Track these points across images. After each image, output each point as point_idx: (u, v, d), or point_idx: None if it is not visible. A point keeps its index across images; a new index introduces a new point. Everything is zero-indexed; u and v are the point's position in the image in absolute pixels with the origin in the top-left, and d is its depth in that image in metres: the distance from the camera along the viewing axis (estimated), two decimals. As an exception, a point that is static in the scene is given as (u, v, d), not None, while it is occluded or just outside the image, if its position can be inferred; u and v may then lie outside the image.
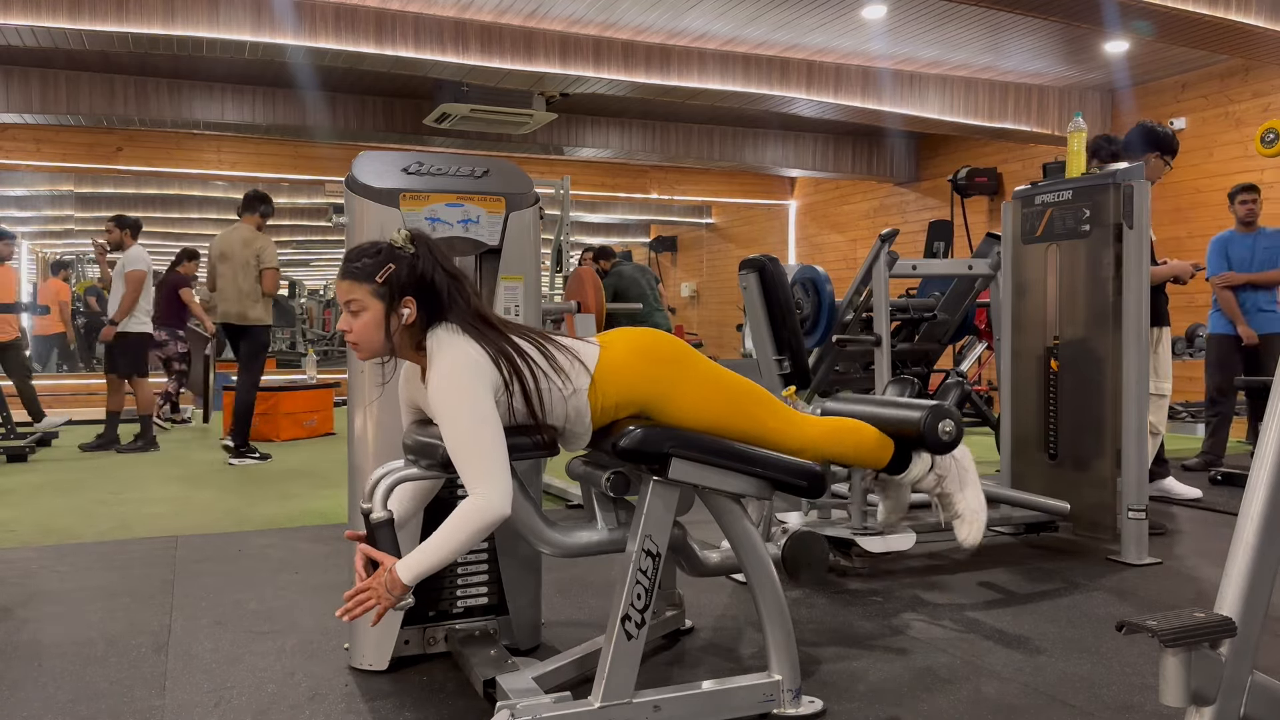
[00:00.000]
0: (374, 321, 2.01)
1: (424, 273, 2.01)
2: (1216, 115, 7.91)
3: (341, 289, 2.03)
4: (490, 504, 1.89)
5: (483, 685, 2.24)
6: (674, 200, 13.46)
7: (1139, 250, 3.58)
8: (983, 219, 9.90)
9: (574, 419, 2.10)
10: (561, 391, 2.06)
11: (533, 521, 2.13)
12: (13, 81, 7.89)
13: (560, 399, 2.06)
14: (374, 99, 9.09)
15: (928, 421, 2.35)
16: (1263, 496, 1.49)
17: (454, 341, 1.98)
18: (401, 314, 2.00)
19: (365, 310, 2.01)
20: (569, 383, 2.06)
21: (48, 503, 4.98)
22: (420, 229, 2.14)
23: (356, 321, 2.02)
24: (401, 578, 1.89)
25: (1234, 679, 1.45)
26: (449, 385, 1.93)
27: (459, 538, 1.89)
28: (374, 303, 2.00)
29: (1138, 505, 3.57)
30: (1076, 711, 2.24)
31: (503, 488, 1.91)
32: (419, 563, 1.90)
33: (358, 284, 2.01)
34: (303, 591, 3.28)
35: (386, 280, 1.99)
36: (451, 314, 2.02)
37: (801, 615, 2.96)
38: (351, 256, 2.04)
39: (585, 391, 2.07)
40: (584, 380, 2.08)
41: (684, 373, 2.15)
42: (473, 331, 2.00)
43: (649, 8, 6.65)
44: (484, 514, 1.89)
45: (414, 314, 2.01)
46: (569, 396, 2.07)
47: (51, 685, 2.42)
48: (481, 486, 1.89)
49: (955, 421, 2.37)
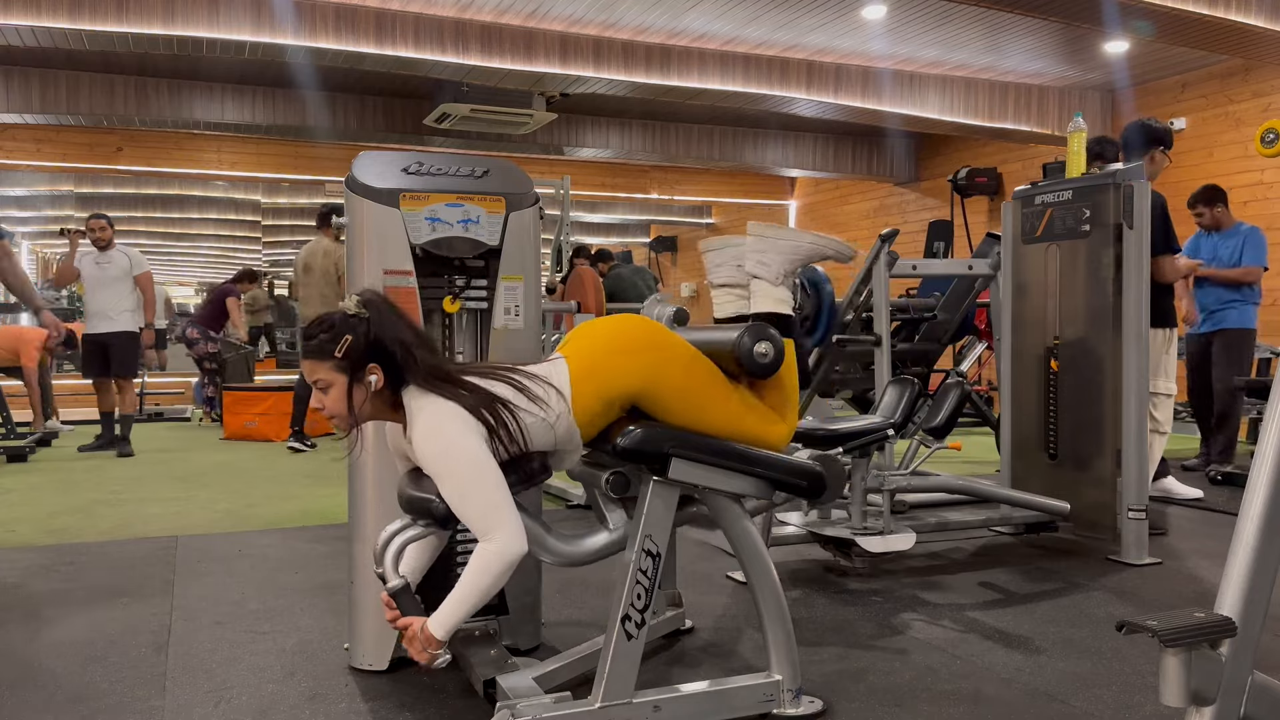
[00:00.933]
0: (343, 395, 1.99)
1: (381, 336, 1.98)
2: (1216, 115, 7.91)
3: (305, 369, 2.02)
4: (504, 545, 1.90)
5: (483, 685, 2.24)
6: (674, 200, 13.46)
7: (1139, 250, 3.58)
8: (983, 219, 9.90)
9: (564, 440, 2.08)
10: (546, 420, 2.03)
11: (535, 531, 2.12)
12: (13, 81, 7.89)
13: (545, 428, 2.04)
14: (374, 99, 9.09)
15: (744, 342, 2.18)
16: (1263, 496, 1.49)
17: (429, 399, 1.97)
18: (369, 381, 1.99)
19: (332, 385, 1.99)
20: (550, 410, 2.04)
21: (48, 503, 4.98)
22: (372, 290, 2.10)
23: (327, 398, 2.00)
24: (436, 634, 1.90)
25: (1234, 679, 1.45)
26: (436, 443, 1.92)
27: (483, 584, 1.90)
28: (338, 377, 1.98)
29: (1138, 505, 3.57)
30: (1076, 711, 2.24)
31: (514, 527, 1.91)
32: (450, 616, 1.91)
33: (319, 362, 1.99)
34: (303, 591, 3.28)
35: (345, 353, 1.97)
36: (417, 375, 1.99)
37: (801, 615, 2.96)
38: (309, 335, 2.02)
39: (569, 414, 2.05)
40: (564, 404, 2.05)
41: (662, 355, 2.11)
42: (445, 385, 1.98)
43: (649, 8, 6.65)
44: (501, 556, 1.90)
45: (381, 379, 1.99)
46: (554, 423, 2.04)
47: (51, 685, 2.42)
48: (494, 532, 1.90)
49: (773, 343, 2.18)
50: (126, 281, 6.80)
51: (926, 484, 3.53)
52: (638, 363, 2.09)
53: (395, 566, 1.99)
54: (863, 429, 3.18)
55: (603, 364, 2.09)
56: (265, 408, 7.86)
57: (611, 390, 2.07)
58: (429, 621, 1.91)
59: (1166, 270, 4.14)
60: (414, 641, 1.92)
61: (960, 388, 3.53)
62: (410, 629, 1.93)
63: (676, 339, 2.17)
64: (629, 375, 2.08)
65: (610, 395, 2.07)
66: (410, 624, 1.93)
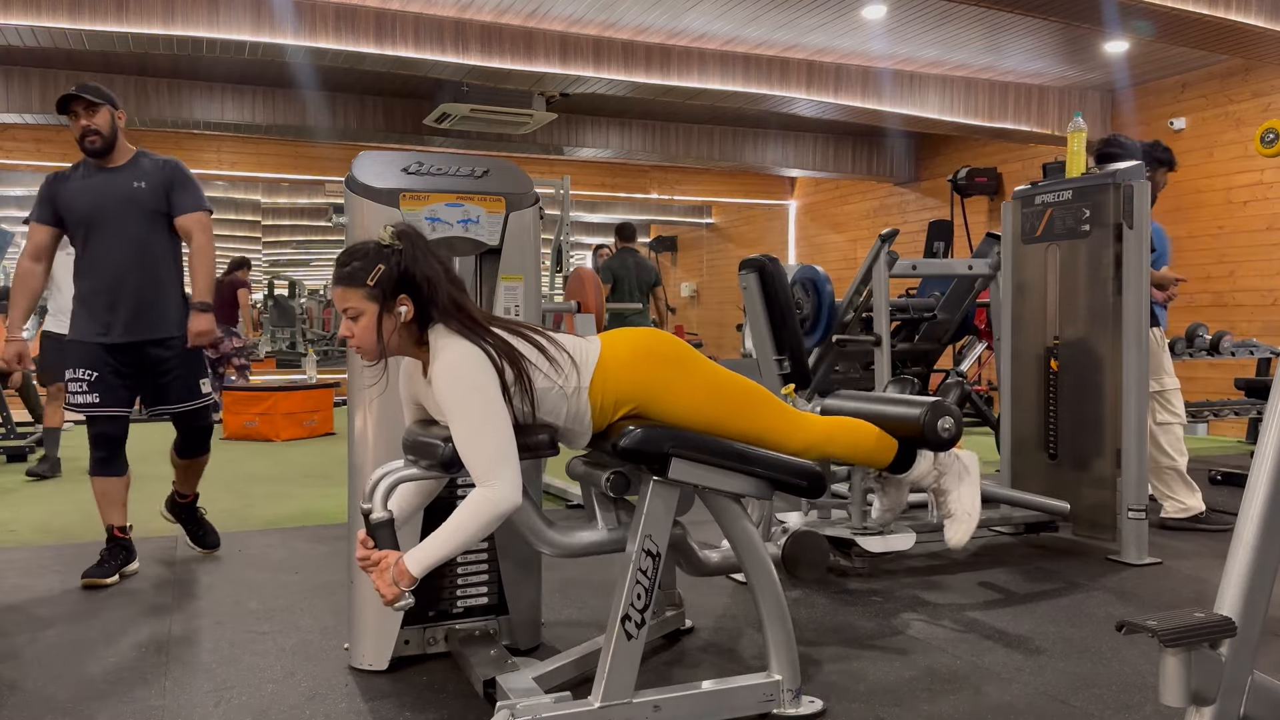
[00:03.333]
0: (373, 324, 2.00)
1: (414, 268, 2.00)
2: (1216, 115, 7.91)
3: (336, 296, 2.03)
4: (502, 494, 1.89)
5: (483, 685, 2.24)
6: (674, 200, 13.46)
7: (1139, 250, 3.58)
8: (983, 219, 9.90)
9: (574, 417, 2.09)
10: (562, 389, 2.06)
11: (533, 521, 2.13)
12: (13, 81, 7.89)
13: (560, 396, 2.06)
14: (374, 99, 9.09)
15: (928, 418, 2.35)
16: (1263, 496, 1.49)
17: (454, 339, 1.98)
18: (399, 312, 2.00)
19: (362, 314, 2.00)
20: (569, 380, 2.06)
21: (48, 503, 4.98)
22: (407, 224, 2.12)
23: (357, 326, 2.01)
24: (410, 569, 1.88)
25: (1234, 679, 1.45)
26: (455, 380, 1.93)
27: (470, 529, 1.89)
28: (369, 305, 1.99)
29: (1138, 505, 3.57)
30: (1076, 711, 2.24)
31: (513, 478, 1.91)
32: (428, 554, 1.90)
33: (351, 289, 2.00)
34: (303, 591, 3.28)
35: (378, 282, 1.98)
36: (445, 312, 2.01)
37: (801, 615, 2.96)
38: (342, 261, 2.03)
39: (586, 390, 2.07)
40: (586, 378, 2.08)
41: (685, 373, 2.15)
42: (471, 327, 2.00)
43: (649, 8, 6.65)
44: (495, 504, 1.89)
45: (411, 311, 2.00)
46: (570, 395, 2.07)
47: (51, 685, 2.42)
48: (492, 478, 1.90)
49: (955, 419, 2.37)
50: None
51: (926, 484, 3.53)
52: (661, 373, 2.13)
53: (384, 502, 1.98)
54: (863, 429, 3.17)
55: (633, 362, 2.12)
56: (265, 408, 7.86)
57: (632, 389, 2.10)
58: (406, 556, 1.90)
59: None
60: (385, 573, 1.89)
61: (960, 388, 3.53)
62: (385, 560, 1.90)
63: (704, 361, 2.22)
64: (651, 381, 2.11)
65: (628, 394, 2.10)
66: (386, 555, 1.91)
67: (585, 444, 2.19)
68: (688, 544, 2.42)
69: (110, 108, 3.43)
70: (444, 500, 2.35)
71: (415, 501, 2.18)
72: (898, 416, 2.41)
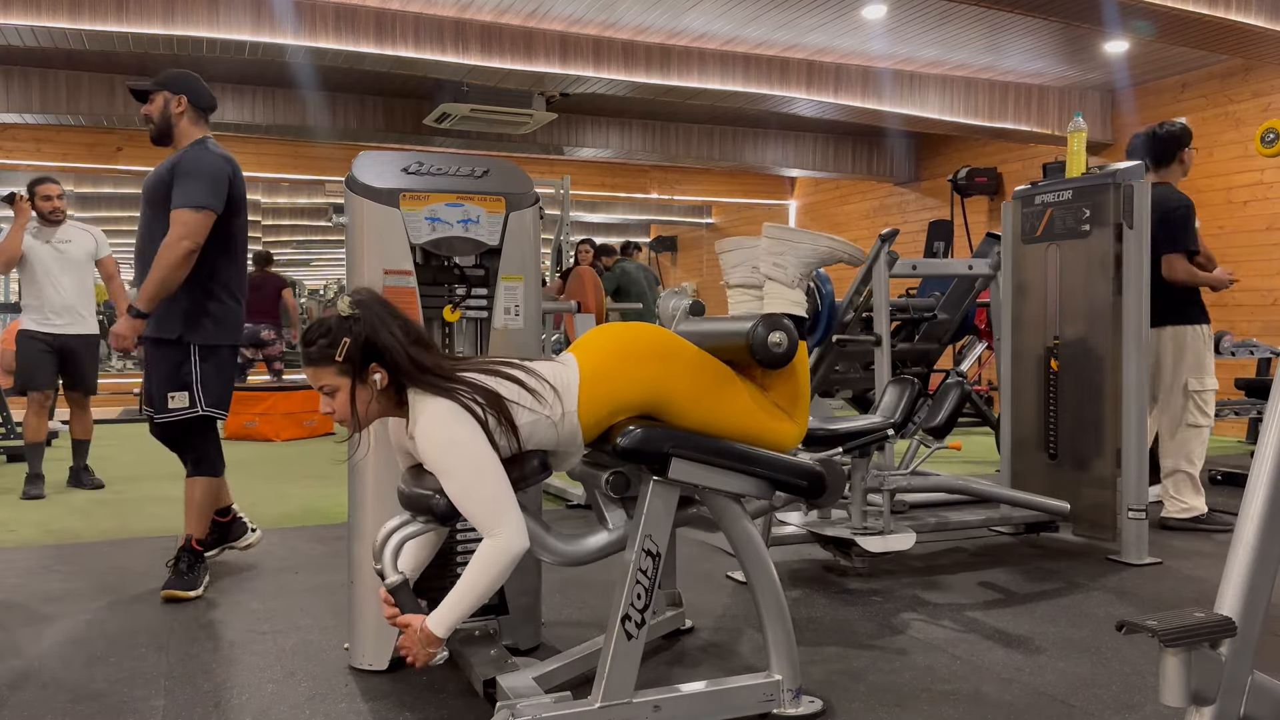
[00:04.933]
0: (348, 398, 2.00)
1: (378, 336, 1.98)
2: (1216, 115, 7.91)
3: (309, 375, 2.02)
4: (509, 543, 1.90)
5: (483, 685, 2.24)
6: (674, 200, 13.46)
7: (1139, 250, 3.58)
8: (983, 219, 9.90)
9: (566, 441, 2.08)
10: (549, 418, 2.03)
11: (535, 531, 2.13)
12: (13, 81, 7.89)
13: (548, 426, 2.04)
14: (374, 99, 9.09)
15: (757, 332, 2.16)
16: (1263, 496, 1.49)
17: (429, 398, 1.97)
18: (373, 380, 1.99)
19: (338, 390, 2.00)
20: (554, 409, 2.04)
21: (48, 503, 4.98)
22: (365, 289, 2.10)
23: (335, 402, 2.01)
24: (435, 633, 1.91)
25: (1234, 679, 1.45)
26: (437, 440, 1.93)
27: (485, 581, 1.90)
28: (342, 380, 1.99)
29: (1138, 505, 3.57)
30: (1076, 711, 2.24)
31: (516, 524, 1.92)
32: (450, 615, 1.92)
33: (322, 369, 2.00)
34: (303, 591, 3.28)
35: (346, 356, 1.97)
36: (411, 374, 1.99)
37: (801, 615, 2.96)
38: (307, 340, 2.01)
39: (574, 414, 2.05)
40: (571, 403, 2.05)
41: (673, 365, 2.12)
42: (441, 383, 1.98)
43: (649, 8, 6.64)
44: (504, 553, 1.90)
45: (385, 377, 1.99)
46: (558, 422, 2.04)
47: (51, 685, 2.42)
48: (496, 528, 1.90)
49: (787, 332, 2.17)
50: (90, 268, 5.36)
51: (926, 484, 3.53)
52: (648, 371, 2.09)
53: (394, 563, 1.99)
54: (863, 429, 3.18)
55: (614, 369, 2.09)
56: (265, 408, 7.86)
57: (621, 397, 2.07)
58: (428, 620, 1.92)
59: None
60: (413, 640, 1.92)
61: (960, 388, 3.53)
62: (410, 627, 1.93)
63: (685, 345, 2.17)
64: (639, 383, 2.08)
65: (619, 402, 2.08)
66: (410, 622, 1.93)
67: (581, 455, 2.17)
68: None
69: (167, 93, 3.38)
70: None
71: (424, 554, 2.17)
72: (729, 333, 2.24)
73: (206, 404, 3.27)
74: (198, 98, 3.44)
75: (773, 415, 2.22)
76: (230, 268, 3.33)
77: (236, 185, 3.31)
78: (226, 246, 3.30)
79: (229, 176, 3.27)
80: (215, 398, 3.29)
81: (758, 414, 2.19)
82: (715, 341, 2.24)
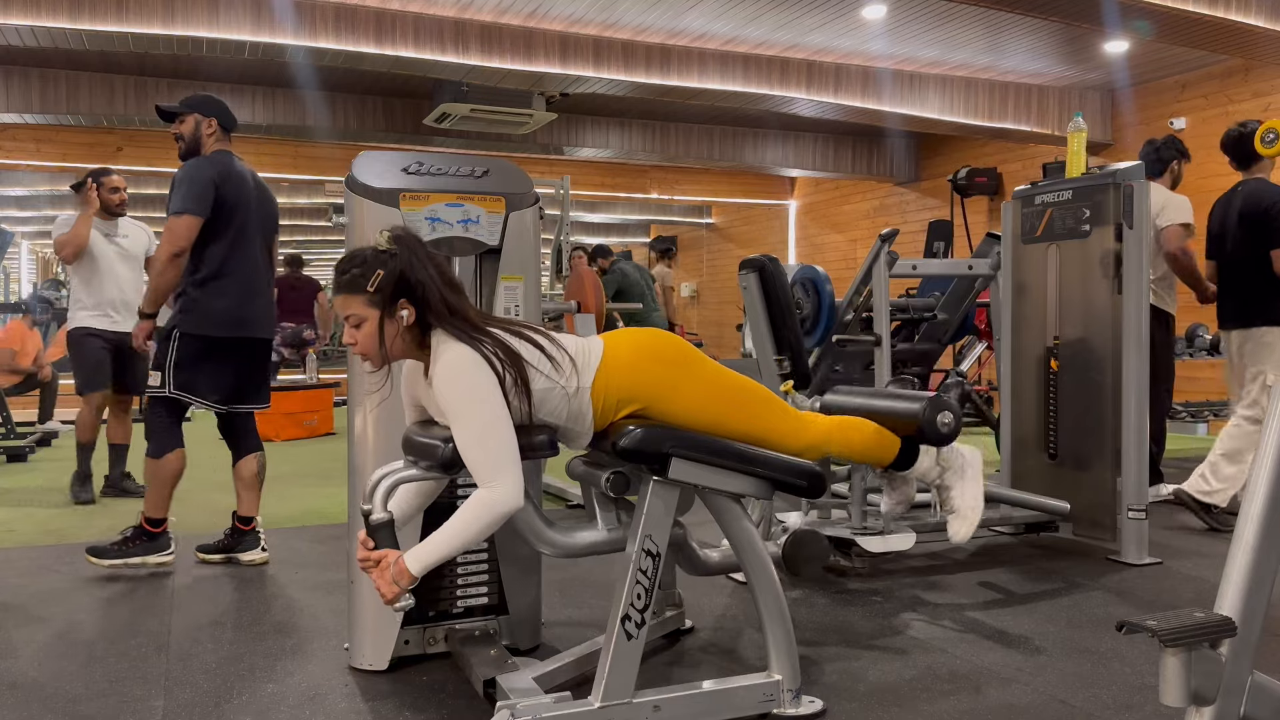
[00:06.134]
0: (375, 330, 2.01)
1: (412, 272, 2.00)
2: (1216, 115, 7.91)
3: (338, 304, 2.03)
4: (504, 496, 1.90)
5: (483, 685, 2.24)
6: (674, 200, 13.46)
7: (1139, 250, 3.58)
8: (983, 219, 9.90)
9: (575, 417, 2.09)
10: (564, 389, 2.06)
11: (533, 521, 2.13)
12: (13, 81, 7.89)
13: (562, 396, 2.06)
14: (374, 99, 9.09)
15: (927, 414, 2.34)
16: (1263, 496, 1.49)
17: (454, 343, 1.99)
18: (400, 316, 2.00)
19: (365, 321, 2.01)
20: (570, 381, 2.06)
21: (48, 503, 4.98)
22: (404, 227, 2.12)
23: (360, 333, 2.02)
24: (410, 568, 1.89)
25: (1234, 679, 1.45)
26: (456, 383, 1.94)
27: (471, 529, 1.90)
28: (371, 311, 2.00)
29: (1138, 505, 3.57)
30: (1076, 711, 2.24)
31: (515, 480, 1.92)
32: (428, 553, 1.90)
33: (352, 296, 2.01)
34: (303, 591, 3.28)
35: (378, 287, 1.99)
36: (441, 316, 2.01)
37: (801, 615, 2.96)
38: (341, 269, 2.03)
39: (588, 390, 2.07)
40: (587, 378, 2.07)
41: (687, 374, 2.15)
42: (469, 330, 2.00)
43: (649, 8, 6.65)
44: (497, 505, 1.90)
45: (412, 314, 2.01)
46: (571, 395, 2.07)
47: (51, 685, 2.42)
48: (494, 479, 1.90)
49: (954, 413, 2.36)
50: (141, 264, 5.15)
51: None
52: (666, 374, 2.12)
53: (384, 503, 1.98)
54: (863, 429, 3.17)
55: (636, 363, 2.12)
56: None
57: (636, 389, 2.10)
58: (406, 555, 1.90)
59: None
60: (385, 572, 1.89)
61: (960, 388, 3.53)
62: (384, 559, 1.90)
63: (706, 361, 2.21)
64: (655, 382, 2.11)
65: (632, 392, 2.10)
66: (385, 554, 1.91)
67: (586, 444, 2.19)
68: (688, 543, 2.42)
69: (199, 115, 3.56)
70: (444, 503, 2.35)
71: (416, 502, 2.18)
72: (897, 412, 2.40)
73: (175, 386, 3.42)
74: (226, 121, 3.63)
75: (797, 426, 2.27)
76: (231, 263, 3.49)
77: (228, 186, 3.46)
78: (225, 242, 3.46)
79: (213, 179, 3.42)
80: (183, 381, 3.42)
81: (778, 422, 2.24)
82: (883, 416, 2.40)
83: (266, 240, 3.68)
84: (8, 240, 9.66)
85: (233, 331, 3.49)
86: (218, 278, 3.45)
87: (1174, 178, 4.73)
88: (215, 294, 3.45)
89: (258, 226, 3.58)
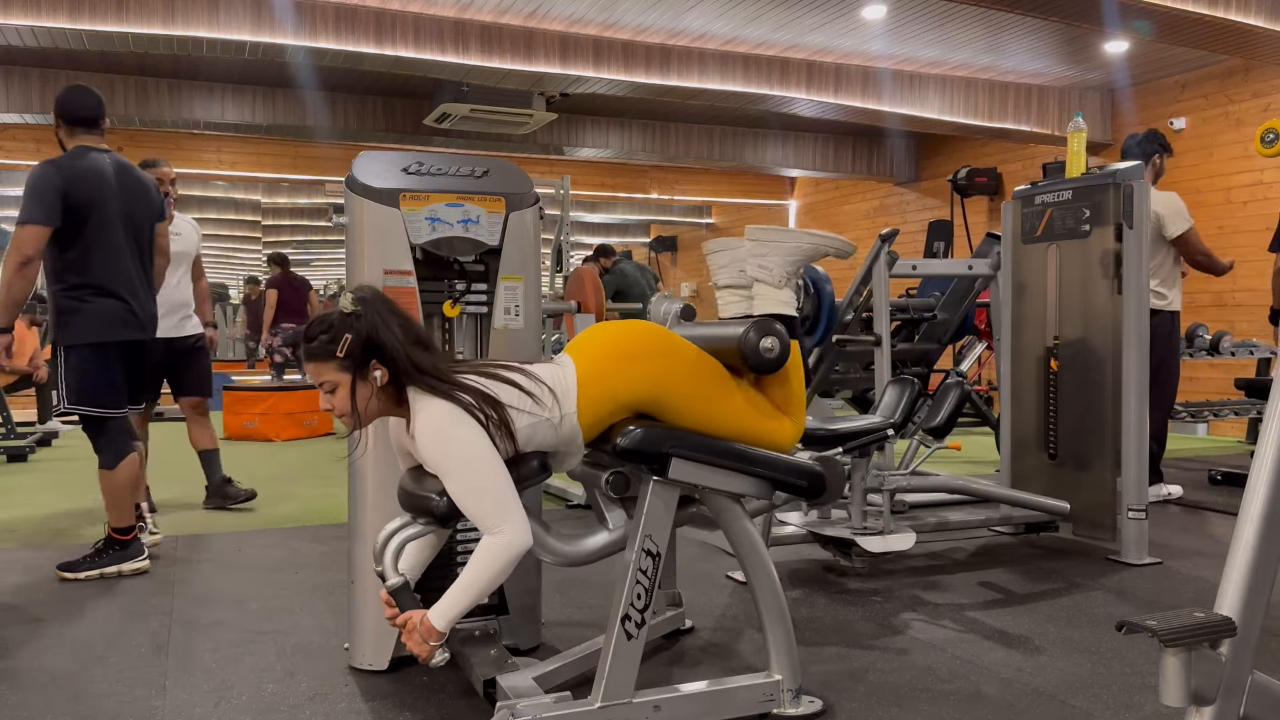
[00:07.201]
0: (349, 394, 2.00)
1: (378, 333, 1.98)
2: (1216, 115, 7.91)
3: (310, 371, 2.02)
4: (512, 539, 1.90)
5: (483, 685, 2.24)
6: (674, 200, 13.46)
7: (1139, 250, 3.58)
8: (983, 219, 9.90)
9: (566, 442, 2.08)
10: (549, 420, 2.03)
11: (535, 531, 2.12)
12: (13, 81, 7.89)
13: (548, 427, 2.04)
14: (374, 99, 9.10)
15: (749, 338, 2.16)
16: (1263, 496, 1.49)
17: (429, 398, 1.97)
18: (374, 378, 1.99)
19: (338, 386, 2.00)
20: (553, 411, 2.03)
21: (48, 503, 4.98)
22: (369, 287, 2.11)
23: (334, 398, 2.01)
24: (436, 626, 1.90)
25: (1234, 679, 1.45)
26: (439, 440, 1.93)
27: (486, 576, 1.90)
28: (343, 376, 1.99)
29: (1138, 505, 3.57)
30: (1076, 711, 2.24)
31: (519, 521, 1.92)
32: (450, 607, 1.91)
33: (322, 364, 1.99)
34: (303, 591, 3.28)
35: (347, 352, 1.97)
36: (411, 374, 1.99)
37: (801, 615, 2.96)
38: (309, 336, 2.02)
39: (574, 415, 2.05)
40: (569, 405, 2.05)
41: (671, 362, 2.11)
42: (440, 384, 1.98)
43: (649, 8, 6.65)
44: (507, 549, 1.90)
45: (385, 374, 1.99)
46: (558, 424, 2.04)
47: (51, 685, 2.42)
48: (500, 526, 1.90)
49: (779, 337, 2.18)
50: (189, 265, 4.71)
51: (926, 484, 3.53)
52: (646, 369, 2.09)
53: (395, 564, 1.99)
54: (863, 429, 3.18)
55: (611, 369, 2.08)
56: (265, 408, 7.86)
57: (620, 396, 2.07)
58: (429, 613, 1.91)
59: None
60: (413, 634, 1.92)
61: (960, 388, 3.53)
62: (410, 621, 1.93)
63: (683, 343, 2.17)
64: (638, 382, 2.08)
65: (619, 401, 2.07)
66: (410, 617, 1.93)
67: (581, 456, 2.17)
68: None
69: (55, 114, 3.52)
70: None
71: (424, 555, 2.16)
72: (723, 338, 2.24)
73: (69, 401, 3.39)
74: (74, 112, 3.46)
75: (769, 414, 2.22)
76: (98, 265, 3.39)
77: (77, 188, 3.32)
78: (87, 246, 3.37)
79: (56, 186, 3.29)
80: (75, 395, 3.38)
81: (754, 413, 2.19)
82: (707, 346, 2.24)
83: (139, 233, 3.53)
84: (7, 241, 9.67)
85: (111, 335, 3.41)
86: (84, 285, 3.36)
87: (1155, 171, 4.72)
88: (85, 300, 3.36)
89: (123, 222, 3.43)
